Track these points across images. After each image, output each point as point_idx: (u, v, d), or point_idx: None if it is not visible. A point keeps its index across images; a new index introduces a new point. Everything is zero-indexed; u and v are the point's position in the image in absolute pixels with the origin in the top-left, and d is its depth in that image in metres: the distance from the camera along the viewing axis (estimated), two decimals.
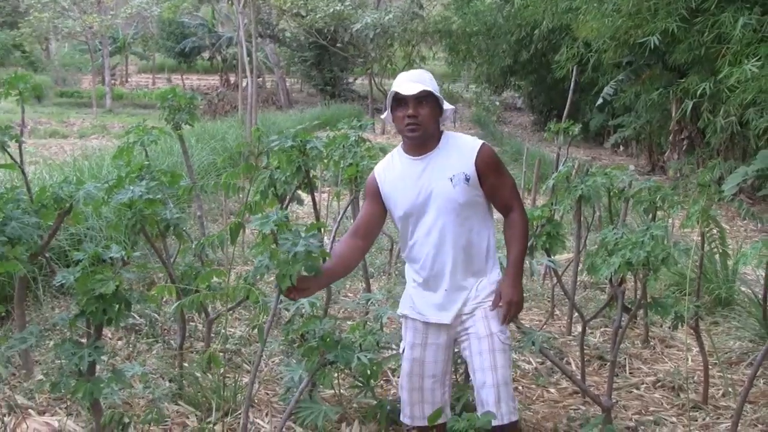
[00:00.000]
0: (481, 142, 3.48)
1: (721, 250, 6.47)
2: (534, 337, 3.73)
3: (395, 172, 3.51)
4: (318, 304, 4.71)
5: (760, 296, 5.45)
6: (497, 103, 29.00)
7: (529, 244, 4.00)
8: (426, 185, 3.41)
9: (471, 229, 3.45)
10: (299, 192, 4.92)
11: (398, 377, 3.94)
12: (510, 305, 3.43)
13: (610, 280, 4.24)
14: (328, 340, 3.80)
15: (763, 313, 4.50)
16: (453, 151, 3.44)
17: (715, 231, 5.43)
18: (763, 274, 5.05)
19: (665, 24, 10.95)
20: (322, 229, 4.02)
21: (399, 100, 3.38)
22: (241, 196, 5.77)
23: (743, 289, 6.46)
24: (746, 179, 10.86)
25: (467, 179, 3.38)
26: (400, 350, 3.71)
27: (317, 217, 5.05)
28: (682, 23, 10.87)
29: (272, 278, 5.02)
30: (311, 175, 4.84)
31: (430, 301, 3.55)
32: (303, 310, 4.69)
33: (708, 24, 10.42)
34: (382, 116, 3.58)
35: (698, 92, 11.21)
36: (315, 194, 4.96)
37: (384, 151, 6.19)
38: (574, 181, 4.91)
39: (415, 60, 24.30)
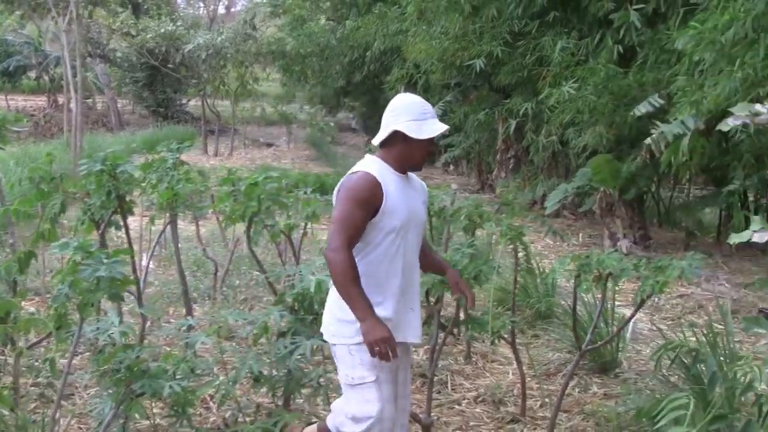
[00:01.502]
0: None
1: (526, 267, 6.57)
2: None
3: (394, 185, 3.35)
4: (131, 332, 4.32)
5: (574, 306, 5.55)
6: (332, 124, 28.93)
7: None
8: (412, 205, 3.42)
9: None
10: (117, 217, 4.56)
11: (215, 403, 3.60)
12: None
13: (427, 298, 4.18)
14: (135, 369, 3.47)
15: (573, 325, 4.52)
16: (413, 178, 3.56)
17: (537, 247, 5.40)
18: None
19: (490, 47, 11.18)
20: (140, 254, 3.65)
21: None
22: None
23: (562, 302, 6.51)
24: (567, 196, 11.14)
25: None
26: (366, 380, 3.31)
27: (129, 244, 4.67)
28: (506, 47, 11.13)
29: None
30: (127, 200, 4.48)
31: (407, 319, 3.41)
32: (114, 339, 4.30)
33: (530, 47, 10.68)
34: (401, 128, 3.30)
35: (521, 112, 11.46)
36: (133, 218, 4.59)
37: (203, 174, 5.86)
38: None
39: (249, 81, 23.85)
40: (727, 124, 3.34)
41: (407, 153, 3.36)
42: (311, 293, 3.78)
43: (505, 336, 4.76)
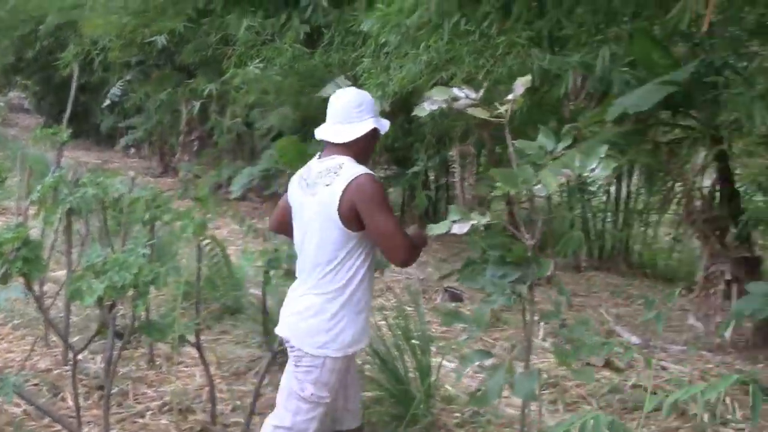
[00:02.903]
0: None
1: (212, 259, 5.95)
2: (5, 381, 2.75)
3: None
4: None
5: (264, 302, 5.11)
6: (2, 104, 26.16)
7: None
8: None
9: None
10: None
11: None
12: None
13: (101, 304, 3.45)
14: None
15: (263, 324, 4.02)
16: None
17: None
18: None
19: (173, 24, 10.37)
20: None
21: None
22: None
23: (252, 295, 5.99)
24: (253, 179, 10.71)
25: None
26: (323, 400, 3.05)
27: None
28: (190, 24, 10.38)
29: None
30: None
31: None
32: None
33: (215, 25, 10.05)
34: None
35: (206, 93, 10.79)
36: None
37: None
38: (62, 192, 4.02)
39: None
40: (424, 109, 3.03)
41: (369, 149, 3.15)
42: None
43: (189, 339, 4.05)
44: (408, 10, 6.53)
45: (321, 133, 3.08)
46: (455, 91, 2.88)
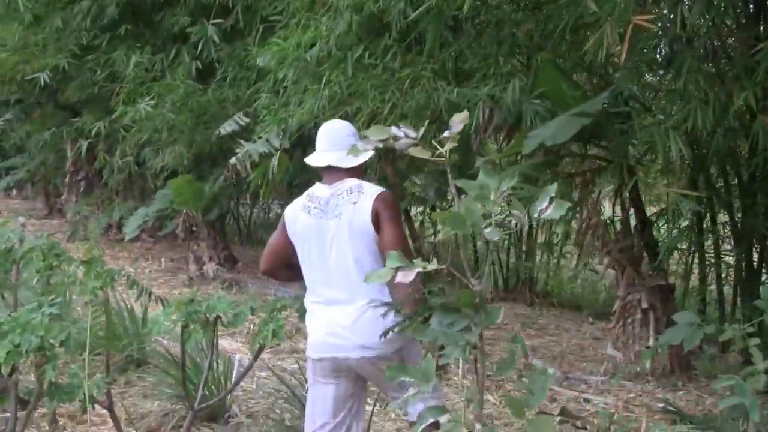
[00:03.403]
0: None
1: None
2: None
3: None
4: None
5: (173, 351, 4.73)
6: None
7: None
8: None
9: None
10: None
11: None
12: None
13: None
14: None
15: (183, 381, 3.66)
16: None
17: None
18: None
19: (56, 60, 9.76)
20: None
21: None
22: None
23: (159, 344, 5.57)
24: (147, 220, 10.20)
25: None
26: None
27: None
28: (74, 60, 9.79)
29: None
30: None
31: None
32: None
33: (101, 62, 9.52)
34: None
35: (93, 131, 10.19)
36: None
37: None
38: None
39: None
40: (359, 149, 2.77)
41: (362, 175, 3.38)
42: None
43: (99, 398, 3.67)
44: (306, 44, 6.28)
45: (324, 159, 3.25)
46: (394, 130, 2.63)
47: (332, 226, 3.14)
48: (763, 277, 5.90)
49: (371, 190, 3.17)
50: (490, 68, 5.42)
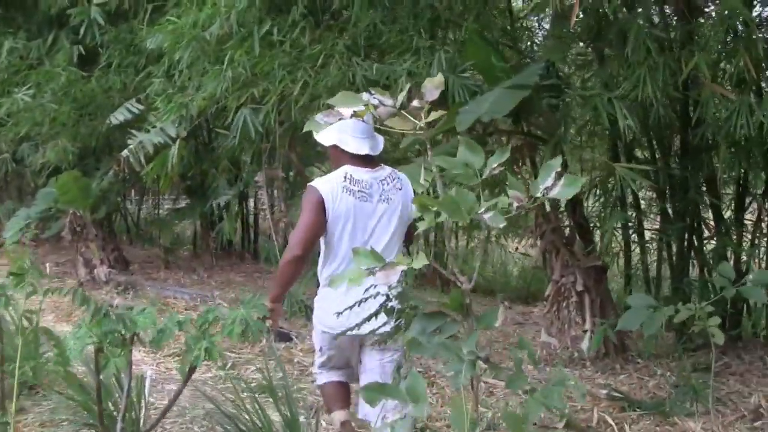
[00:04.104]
0: None
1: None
2: None
3: None
4: None
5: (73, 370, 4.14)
6: None
7: None
8: None
9: None
10: None
11: None
12: None
13: None
14: None
15: (99, 415, 3.08)
16: None
17: None
18: None
19: None
20: None
21: None
22: None
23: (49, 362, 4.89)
24: (30, 222, 9.30)
25: None
26: None
27: None
28: None
29: None
30: None
31: None
32: None
33: None
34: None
35: None
36: None
37: None
38: None
39: None
40: (318, 123, 2.34)
41: None
42: None
43: None
44: (204, 22, 5.70)
45: (364, 147, 3.31)
46: (367, 96, 2.18)
47: (380, 209, 3.31)
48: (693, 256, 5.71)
49: (405, 180, 3.42)
50: (409, 42, 5.00)
